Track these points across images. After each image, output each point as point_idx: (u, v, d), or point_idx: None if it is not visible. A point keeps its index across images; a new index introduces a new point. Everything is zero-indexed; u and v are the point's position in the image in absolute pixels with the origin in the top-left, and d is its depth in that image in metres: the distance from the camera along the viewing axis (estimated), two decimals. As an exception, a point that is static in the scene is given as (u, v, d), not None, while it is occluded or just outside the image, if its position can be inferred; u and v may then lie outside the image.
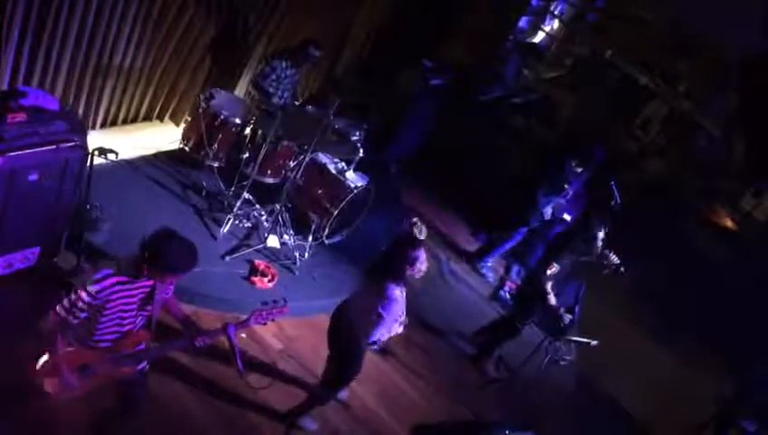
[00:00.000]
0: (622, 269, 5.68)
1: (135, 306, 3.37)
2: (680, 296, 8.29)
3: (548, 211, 6.82)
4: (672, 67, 10.44)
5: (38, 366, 3.40)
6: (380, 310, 4.17)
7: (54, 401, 3.46)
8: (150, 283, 3.35)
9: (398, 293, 4.21)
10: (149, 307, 3.44)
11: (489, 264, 7.44)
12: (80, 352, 3.40)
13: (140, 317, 3.48)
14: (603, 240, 5.60)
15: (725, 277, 8.70)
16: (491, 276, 7.39)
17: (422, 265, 4.21)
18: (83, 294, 3.20)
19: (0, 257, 4.49)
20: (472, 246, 7.75)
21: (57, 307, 3.25)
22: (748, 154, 8.80)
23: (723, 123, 9.99)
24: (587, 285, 5.95)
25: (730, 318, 8.11)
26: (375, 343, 4.39)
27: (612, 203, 6.34)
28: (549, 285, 5.52)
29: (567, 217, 7.04)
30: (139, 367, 3.62)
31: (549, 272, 5.49)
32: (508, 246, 7.24)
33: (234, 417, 4.65)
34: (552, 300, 5.55)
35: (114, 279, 3.24)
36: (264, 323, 3.81)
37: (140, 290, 3.35)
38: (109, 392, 3.71)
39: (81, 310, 3.23)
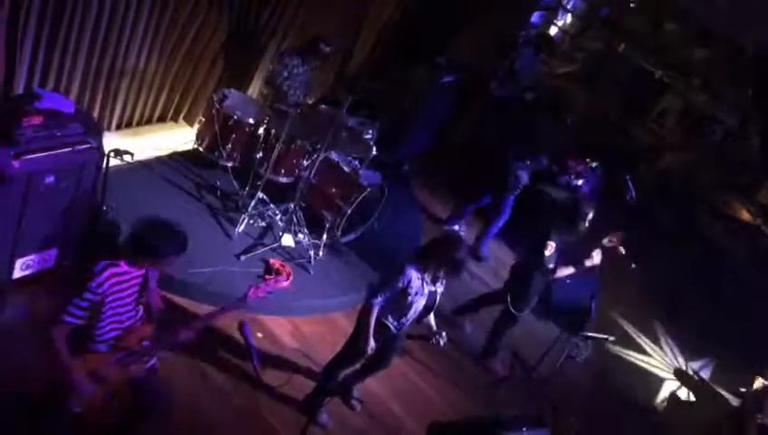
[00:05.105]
0: (633, 265, 5.62)
1: (132, 299, 3.38)
2: (697, 291, 8.21)
3: (524, 176, 6.78)
4: (687, 60, 10.34)
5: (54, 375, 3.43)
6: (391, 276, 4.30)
7: (77, 407, 3.50)
8: (142, 272, 3.36)
9: (415, 275, 4.28)
10: (143, 298, 3.46)
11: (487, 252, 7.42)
12: (86, 358, 3.40)
13: (138, 310, 3.49)
14: (589, 221, 5.57)
15: (743, 271, 8.61)
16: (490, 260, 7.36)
17: (449, 270, 4.32)
18: (84, 293, 3.19)
19: (18, 259, 4.54)
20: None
21: (63, 316, 3.21)
22: (765, 146, 8.71)
23: (739, 115, 9.88)
24: (602, 282, 5.93)
25: (748, 313, 8.02)
26: (397, 328, 4.44)
27: (627, 197, 6.30)
28: (551, 265, 5.45)
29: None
30: (149, 364, 3.64)
31: (547, 253, 5.39)
32: (501, 223, 7.19)
33: (250, 415, 4.68)
34: (564, 271, 5.47)
35: (110, 270, 3.24)
36: (263, 296, 3.81)
37: (134, 281, 3.36)
38: (124, 394, 3.75)
39: (85, 309, 3.21)
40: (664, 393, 6.93)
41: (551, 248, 5.38)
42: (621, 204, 6.60)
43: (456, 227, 7.54)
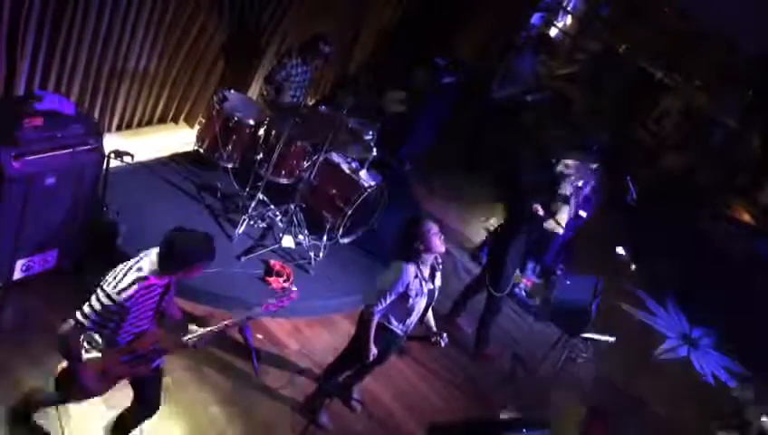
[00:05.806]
0: (633, 266, 5.64)
1: (152, 308, 3.39)
2: (697, 292, 8.22)
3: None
4: (687, 61, 10.36)
5: (58, 371, 3.43)
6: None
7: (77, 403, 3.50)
8: (166, 281, 3.36)
9: (413, 276, 4.22)
10: (164, 304, 3.47)
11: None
12: (97, 358, 3.37)
13: (155, 317, 3.50)
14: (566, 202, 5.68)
15: (744, 272, 8.61)
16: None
17: (434, 237, 4.20)
18: (110, 305, 3.16)
19: (19, 261, 4.54)
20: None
21: (79, 316, 3.18)
22: (765, 146, 8.73)
23: (739, 116, 9.89)
24: (603, 281, 5.93)
25: (750, 315, 8.02)
26: (402, 331, 4.42)
27: (628, 198, 6.30)
28: (549, 223, 5.70)
29: (583, 213, 7.00)
30: (154, 365, 3.64)
31: (541, 214, 5.55)
32: None
33: (250, 416, 4.68)
34: (563, 216, 5.71)
35: (140, 285, 3.22)
36: (274, 312, 3.80)
37: (158, 291, 3.36)
38: (125, 392, 3.76)
39: (110, 320, 3.20)
40: (665, 392, 6.93)
41: (540, 210, 5.54)
42: (622, 205, 6.60)
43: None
